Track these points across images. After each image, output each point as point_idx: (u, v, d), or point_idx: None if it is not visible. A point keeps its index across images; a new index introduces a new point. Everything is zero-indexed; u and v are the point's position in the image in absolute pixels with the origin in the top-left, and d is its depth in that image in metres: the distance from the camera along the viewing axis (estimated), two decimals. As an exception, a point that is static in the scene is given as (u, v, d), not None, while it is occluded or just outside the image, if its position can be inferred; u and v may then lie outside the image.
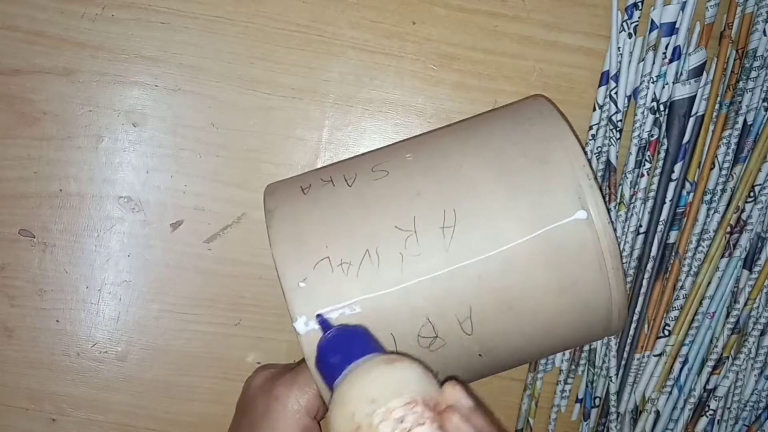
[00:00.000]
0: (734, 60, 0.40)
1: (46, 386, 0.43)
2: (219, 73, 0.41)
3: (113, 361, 0.43)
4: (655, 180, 0.40)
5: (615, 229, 0.31)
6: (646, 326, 0.42)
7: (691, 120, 0.40)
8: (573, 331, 0.33)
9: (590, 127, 0.41)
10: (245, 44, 0.41)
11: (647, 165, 0.40)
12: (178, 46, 0.41)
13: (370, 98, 0.42)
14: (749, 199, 0.40)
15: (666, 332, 0.42)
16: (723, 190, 0.40)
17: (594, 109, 0.41)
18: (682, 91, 0.40)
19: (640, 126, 0.40)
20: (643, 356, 0.42)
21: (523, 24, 0.41)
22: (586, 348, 0.43)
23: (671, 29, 0.39)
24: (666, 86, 0.40)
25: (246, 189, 0.42)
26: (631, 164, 0.41)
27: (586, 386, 0.43)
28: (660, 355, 0.42)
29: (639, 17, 0.40)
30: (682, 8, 0.39)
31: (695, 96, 0.40)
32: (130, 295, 0.42)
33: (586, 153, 0.32)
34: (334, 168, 0.35)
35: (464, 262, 0.31)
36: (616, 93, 0.40)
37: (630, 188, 0.41)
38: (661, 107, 0.40)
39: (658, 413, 0.42)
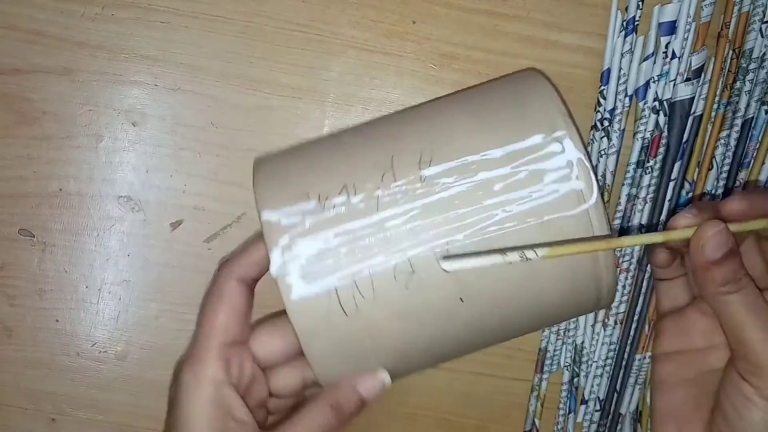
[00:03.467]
0: (731, 60, 0.40)
1: (45, 386, 0.43)
2: (219, 72, 0.41)
3: (113, 360, 0.43)
4: (655, 181, 0.41)
5: (590, 159, 0.31)
6: (646, 327, 0.42)
7: (690, 119, 0.40)
8: (558, 281, 0.32)
9: (593, 126, 0.41)
10: (245, 44, 0.41)
11: (649, 164, 0.40)
12: (177, 45, 0.41)
13: (370, 98, 0.42)
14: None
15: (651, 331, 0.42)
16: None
17: (595, 109, 0.41)
18: (684, 92, 0.40)
19: (644, 126, 0.40)
20: (644, 357, 0.42)
21: (523, 23, 0.41)
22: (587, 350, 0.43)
23: (670, 28, 0.39)
24: (667, 85, 0.40)
25: (246, 188, 0.42)
26: (633, 164, 0.41)
27: (573, 389, 0.43)
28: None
29: (640, 17, 0.40)
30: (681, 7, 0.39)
31: (694, 97, 0.40)
32: (129, 294, 0.42)
33: (564, 102, 0.32)
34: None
35: (440, 195, 0.31)
36: (609, 91, 0.40)
37: (629, 188, 0.41)
38: (665, 106, 0.40)
39: None
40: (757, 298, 0.29)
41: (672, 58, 0.39)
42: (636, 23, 0.40)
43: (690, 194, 0.41)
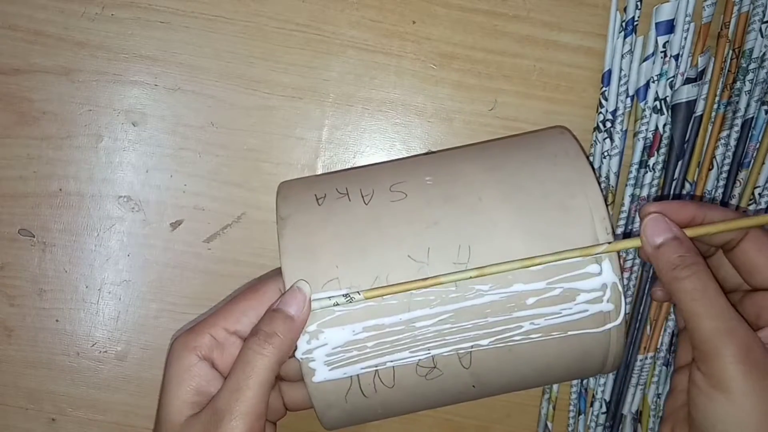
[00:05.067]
0: (731, 59, 0.40)
1: (45, 386, 0.43)
2: (219, 72, 0.41)
3: (113, 360, 0.43)
4: (657, 181, 0.40)
5: (624, 290, 0.32)
6: (648, 327, 0.42)
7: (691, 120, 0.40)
8: (567, 372, 0.34)
9: (595, 127, 0.41)
10: (245, 43, 0.41)
11: (650, 163, 0.40)
12: (177, 45, 0.41)
13: (370, 97, 0.42)
14: (750, 202, 0.40)
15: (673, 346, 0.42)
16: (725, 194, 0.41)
17: (597, 110, 0.41)
18: (687, 94, 0.40)
19: (645, 126, 0.40)
20: (646, 358, 0.42)
21: (523, 23, 0.41)
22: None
23: (668, 27, 0.39)
24: (667, 85, 0.40)
25: (246, 188, 0.42)
26: (635, 164, 0.41)
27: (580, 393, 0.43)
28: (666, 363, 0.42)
29: (639, 17, 0.40)
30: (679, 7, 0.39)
31: (696, 99, 0.40)
32: (129, 294, 0.42)
33: (606, 204, 0.32)
34: (350, 177, 0.35)
35: (473, 301, 0.31)
36: (611, 92, 0.40)
37: (633, 188, 0.41)
38: (664, 105, 0.40)
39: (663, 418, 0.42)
40: (707, 285, 0.29)
41: (670, 58, 0.39)
42: (635, 23, 0.40)
43: (691, 195, 0.41)
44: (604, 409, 0.43)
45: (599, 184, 0.32)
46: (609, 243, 0.31)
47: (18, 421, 0.43)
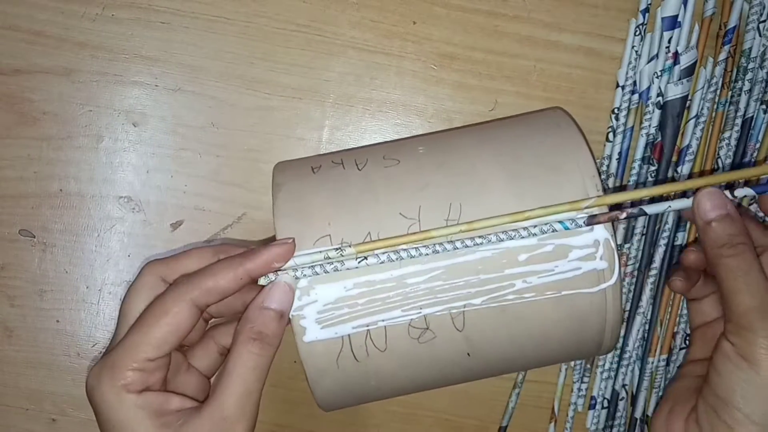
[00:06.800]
0: (728, 57, 0.40)
1: (46, 386, 0.43)
2: (219, 72, 0.41)
3: (113, 361, 0.43)
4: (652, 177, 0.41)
5: (618, 246, 0.31)
6: (659, 328, 0.42)
7: (692, 121, 0.40)
8: (564, 345, 0.33)
9: (610, 129, 0.41)
10: (245, 44, 0.41)
11: (653, 165, 0.41)
12: (178, 45, 0.41)
13: (371, 98, 0.42)
14: (751, 202, 0.40)
15: (686, 343, 0.41)
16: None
17: (613, 112, 0.41)
18: (674, 91, 0.40)
19: (648, 122, 0.40)
20: (657, 360, 0.42)
21: (523, 24, 0.41)
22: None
23: (673, 23, 0.39)
24: (669, 83, 0.40)
25: (246, 189, 0.42)
26: (638, 160, 0.41)
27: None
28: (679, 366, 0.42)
29: (647, 18, 0.40)
30: (684, 3, 0.39)
31: (688, 96, 0.40)
32: (130, 295, 0.42)
33: (597, 166, 0.32)
34: (346, 152, 0.35)
35: (465, 257, 0.31)
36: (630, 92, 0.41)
37: (636, 185, 0.41)
38: (655, 105, 0.40)
39: None
40: (752, 266, 0.30)
41: (675, 54, 0.40)
42: (644, 25, 0.40)
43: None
44: (606, 407, 0.43)
45: (590, 149, 0.32)
46: (598, 197, 0.31)
47: (18, 422, 0.43)
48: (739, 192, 0.31)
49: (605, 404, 0.43)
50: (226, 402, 0.30)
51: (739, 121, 0.40)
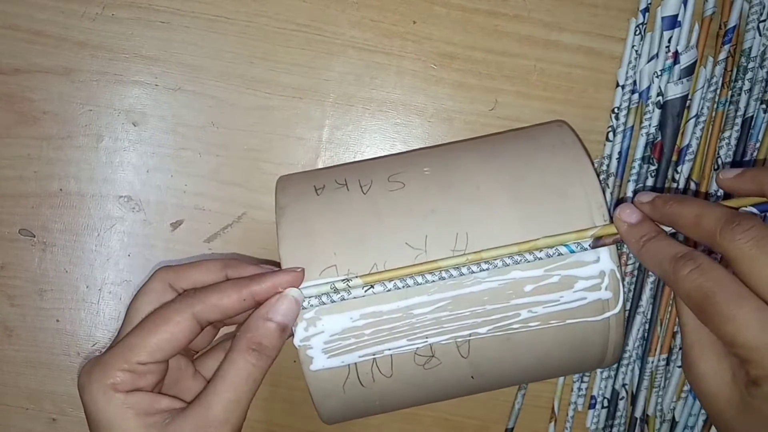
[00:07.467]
0: (728, 57, 0.40)
1: (46, 386, 0.43)
2: (219, 72, 0.41)
3: (113, 360, 0.43)
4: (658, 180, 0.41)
5: (623, 274, 0.32)
6: (659, 327, 0.42)
7: (692, 120, 0.40)
8: (566, 363, 0.33)
9: (610, 129, 0.41)
10: (245, 44, 0.41)
11: (653, 164, 0.41)
12: (178, 45, 0.41)
13: (371, 98, 0.42)
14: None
15: None
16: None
17: (613, 111, 0.41)
18: (674, 91, 0.40)
19: (648, 121, 0.40)
20: (657, 359, 0.42)
21: (523, 23, 0.41)
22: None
23: (673, 22, 0.39)
24: (669, 82, 0.40)
25: (246, 188, 0.42)
26: (638, 160, 0.41)
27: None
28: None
29: (647, 18, 0.40)
30: (684, 3, 0.39)
31: (687, 95, 0.40)
32: (130, 294, 0.42)
33: (603, 191, 0.32)
34: (349, 170, 0.35)
35: (471, 288, 0.31)
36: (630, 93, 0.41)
37: (635, 184, 0.41)
38: (655, 105, 0.40)
39: (673, 420, 0.42)
40: (669, 243, 0.30)
41: (675, 53, 0.40)
42: (645, 25, 0.40)
43: (695, 193, 0.41)
44: (606, 406, 0.43)
45: (596, 172, 0.32)
46: (603, 226, 0.31)
47: (18, 421, 0.43)
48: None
49: (605, 404, 0.43)
50: (213, 406, 0.30)
51: (739, 120, 0.40)
